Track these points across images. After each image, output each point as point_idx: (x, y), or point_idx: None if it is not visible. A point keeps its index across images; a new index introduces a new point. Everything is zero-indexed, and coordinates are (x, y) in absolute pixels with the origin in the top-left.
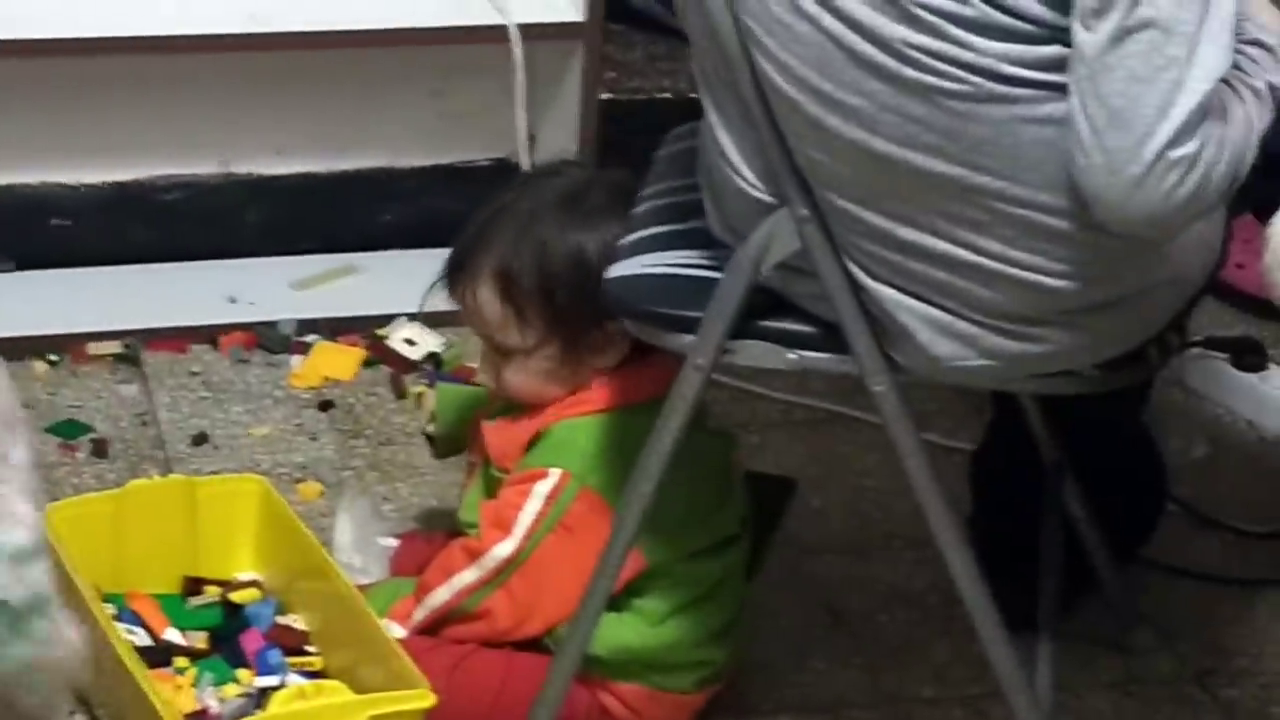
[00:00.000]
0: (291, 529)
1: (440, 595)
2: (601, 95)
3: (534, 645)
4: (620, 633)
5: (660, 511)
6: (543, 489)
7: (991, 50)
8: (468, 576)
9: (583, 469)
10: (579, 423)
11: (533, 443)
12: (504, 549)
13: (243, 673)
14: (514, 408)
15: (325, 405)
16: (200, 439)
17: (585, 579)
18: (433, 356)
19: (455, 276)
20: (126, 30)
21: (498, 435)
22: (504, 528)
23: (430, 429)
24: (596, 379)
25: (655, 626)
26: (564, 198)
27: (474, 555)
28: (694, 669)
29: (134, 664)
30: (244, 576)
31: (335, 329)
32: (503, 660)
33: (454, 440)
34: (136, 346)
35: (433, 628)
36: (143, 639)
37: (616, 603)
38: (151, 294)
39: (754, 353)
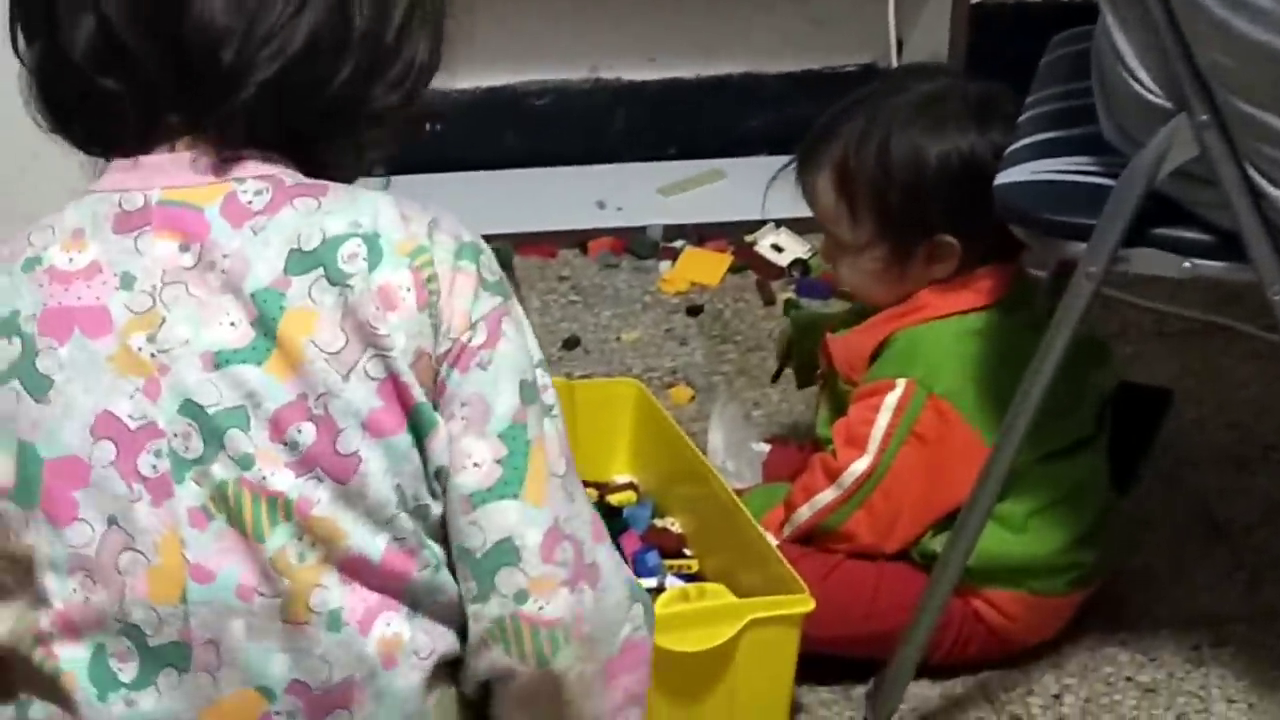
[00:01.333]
0: (667, 432)
1: (803, 514)
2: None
3: (900, 555)
4: (983, 541)
5: None
6: (891, 400)
7: None
8: (827, 495)
9: (928, 376)
10: (918, 331)
11: (876, 353)
12: (860, 465)
13: None
14: (856, 320)
15: (694, 310)
16: (571, 343)
17: (943, 486)
18: (799, 263)
19: (802, 163)
20: None
21: (842, 347)
22: (858, 444)
23: (782, 365)
24: (927, 288)
25: (1017, 533)
26: (920, 101)
27: (832, 474)
28: (1063, 572)
29: None
30: (620, 479)
31: (703, 234)
32: (874, 569)
33: (814, 369)
34: (507, 251)
35: (801, 540)
36: None
37: None
38: (521, 199)
39: (1148, 261)
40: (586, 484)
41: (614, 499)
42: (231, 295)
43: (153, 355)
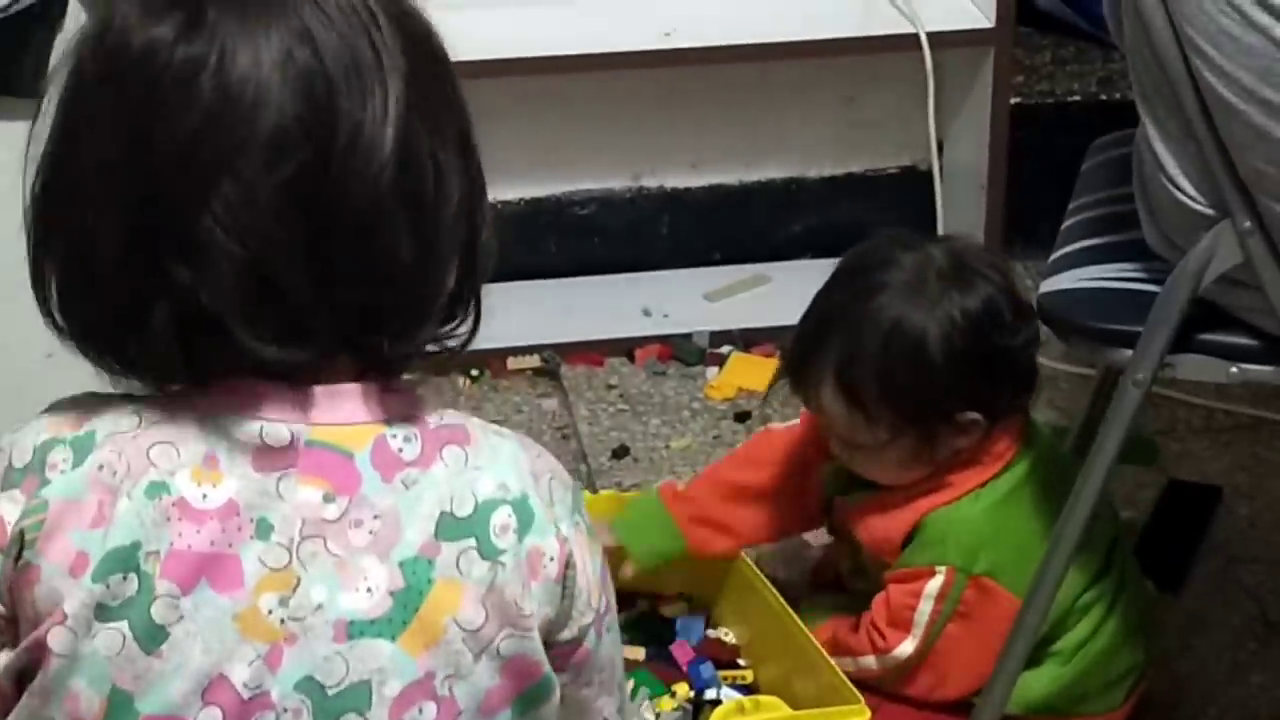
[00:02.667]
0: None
1: (844, 665)
2: (1011, 100)
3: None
4: (1034, 687)
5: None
6: (933, 589)
7: None
8: (870, 664)
9: (967, 560)
10: (949, 513)
11: (909, 535)
12: (906, 648)
13: (679, 686)
14: (871, 484)
15: (741, 416)
16: (621, 452)
17: (990, 654)
18: None
19: (797, 379)
20: (542, 51)
21: (867, 528)
22: (903, 627)
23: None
24: (957, 460)
25: (1067, 663)
26: (900, 289)
27: (879, 650)
28: (1116, 684)
29: None
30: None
31: (749, 339)
32: (920, 717)
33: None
34: (555, 360)
35: None
36: None
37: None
38: (567, 308)
39: (1195, 367)
40: (639, 595)
41: (666, 610)
42: (375, 558)
43: (283, 621)
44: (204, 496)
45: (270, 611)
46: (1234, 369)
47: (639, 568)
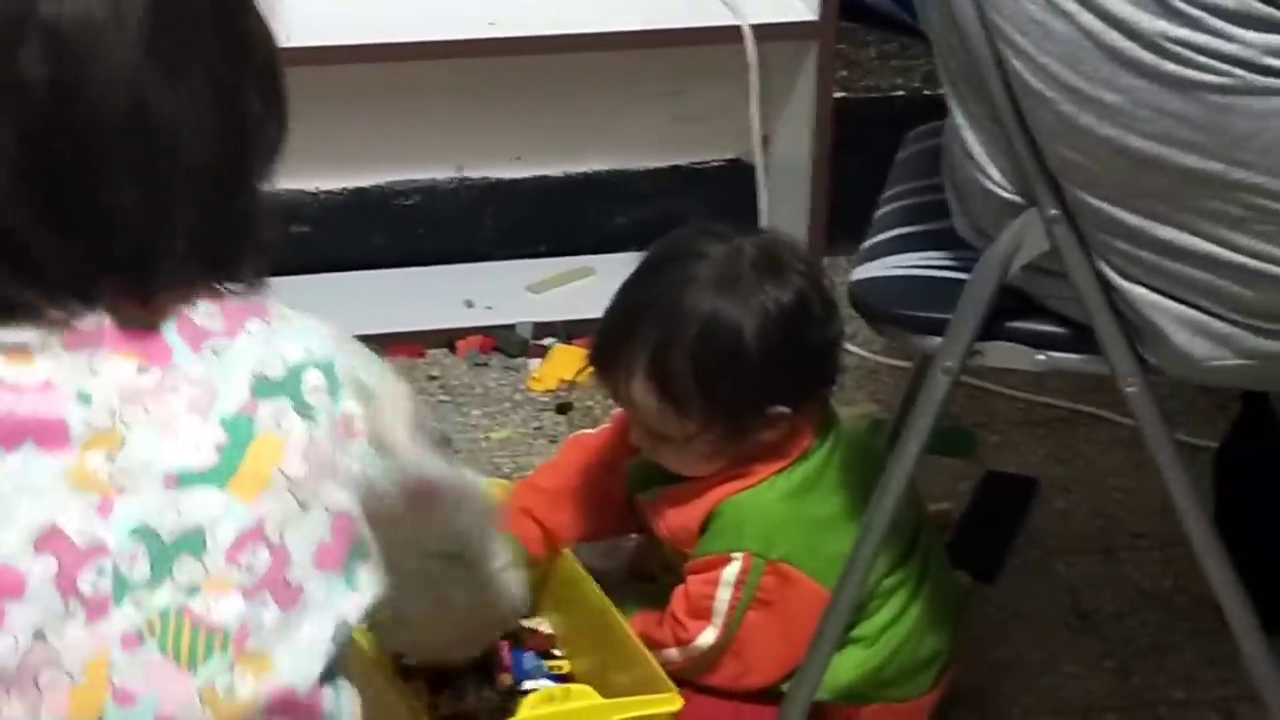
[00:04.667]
0: None
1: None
2: (835, 94)
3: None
4: (840, 672)
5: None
6: (730, 575)
7: (1254, 42)
8: (674, 655)
9: (763, 546)
10: (744, 499)
11: (705, 524)
12: (707, 638)
13: (503, 677)
14: (670, 478)
15: (564, 408)
16: (441, 443)
17: (794, 641)
18: None
19: (606, 369)
20: (363, 39)
21: (664, 520)
22: (703, 617)
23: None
24: (758, 450)
25: (871, 646)
26: (714, 281)
27: (681, 642)
28: (924, 668)
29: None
30: None
31: (572, 331)
32: (731, 709)
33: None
34: (376, 351)
35: None
36: None
37: None
38: (389, 299)
39: (1002, 354)
40: None
41: None
42: (198, 417)
43: (110, 475)
44: (18, 374)
45: (97, 469)
46: (1041, 356)
47: None
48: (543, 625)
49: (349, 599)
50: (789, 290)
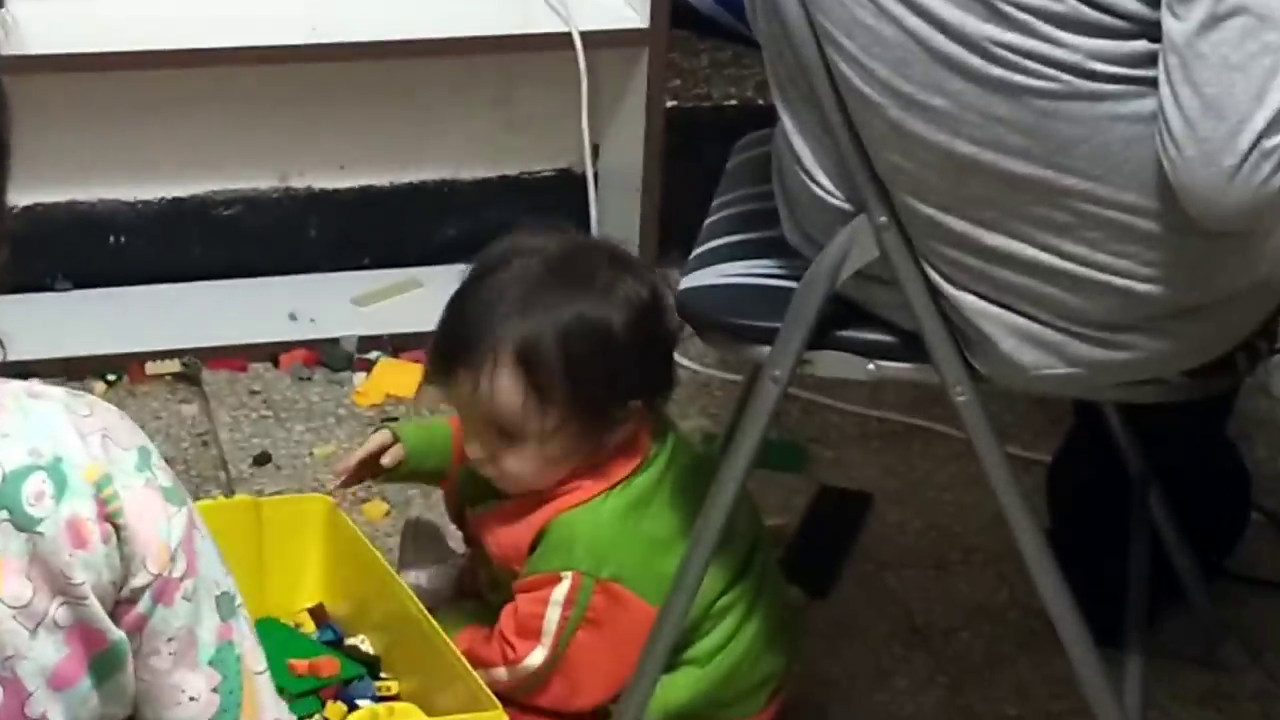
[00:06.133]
0: (358, 549)
1: (480, 677)
2: (666, 103)
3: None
4: (672, 693)
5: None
6: (560, 595)
7: (1080, 46)
8: (502, 675)
9: (592, 564)
10: (575, 516)
11: (535, 541)
12: (536, 658)
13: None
14: (501, 494)
15: (389, 422)
16: (262, 459)
17: (624, 661)
18: None
19: (462, 366)
20: (183, 44)
21: (495, 537)
22: (532, 636)
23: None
24: (596, 460)
25: (704, 667)
26: (573, 273)
27: (508, 660)
28: (758, 689)
29: None
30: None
31: (398, 345)
32: None
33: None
34: (196, 365)
35: None
36: None
37: None
38: (210, 311)
39: (832, 363)
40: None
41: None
42: None
43: None
44: None
45: None
46: (871, 365)
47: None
48: (364, 643)
49: (92, 701)
50: (645, 285)
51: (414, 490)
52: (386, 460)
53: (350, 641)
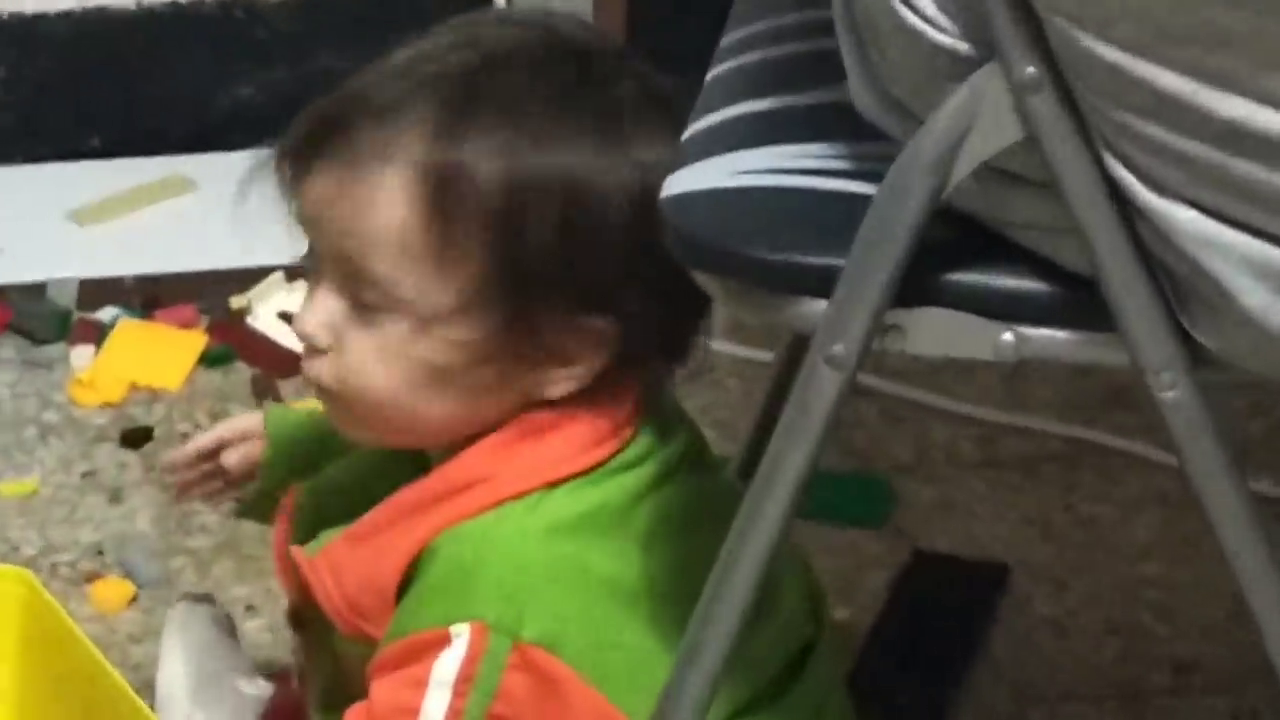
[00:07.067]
0: (74, 660)
1: None
2: None
3: None
4: None
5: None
6: (448, 668)
7: None
8: None
9: (507, 612)
10: (480, 528)
11: (406, 577)
12: None
13: None
14: (355, 510)
15: (135, 437)
16: None
17: None
18: None
19: (335, 138)
20: None
21: (339, 585)
22: None
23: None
24: (509, 427)
25: None
26: (569, 86)
27: None
28: None
29: None
30: None
31: (154, 295)
32: None
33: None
34: None
35: None
36: None
37: None
38: None
39: (938, 331)
40: None
41: None
42: None
43: None
44: None
45: None
46: (1008, 335)
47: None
48: None
49: None
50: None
51: (183, 557)
52: (233, 460)
53: None
